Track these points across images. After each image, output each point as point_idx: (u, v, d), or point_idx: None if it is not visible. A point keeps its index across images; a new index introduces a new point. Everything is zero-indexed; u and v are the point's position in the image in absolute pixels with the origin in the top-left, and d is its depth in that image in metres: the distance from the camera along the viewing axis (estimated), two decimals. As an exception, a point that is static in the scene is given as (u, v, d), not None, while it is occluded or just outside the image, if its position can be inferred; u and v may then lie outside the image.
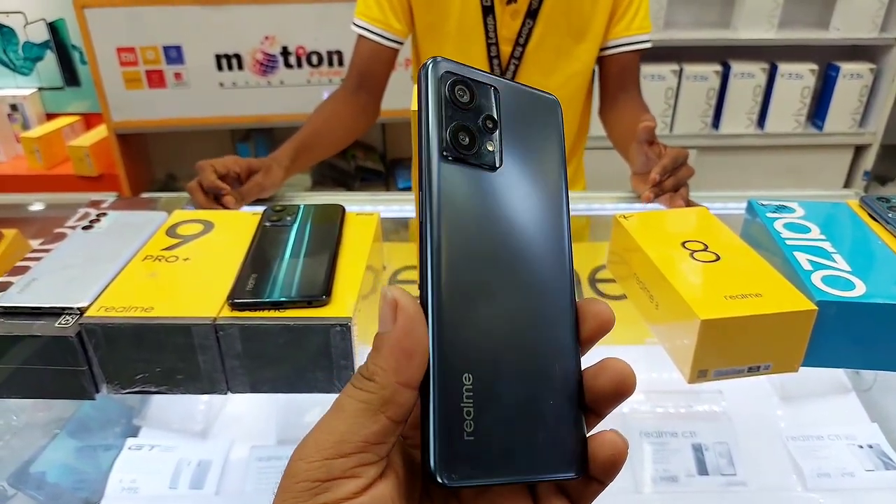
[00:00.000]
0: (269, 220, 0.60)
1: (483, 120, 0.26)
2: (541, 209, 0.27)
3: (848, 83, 1.99)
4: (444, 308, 0.24)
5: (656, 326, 0.58)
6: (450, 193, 0.24)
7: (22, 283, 0.52)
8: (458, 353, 0.24)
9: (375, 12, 1.00)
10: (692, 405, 0.80)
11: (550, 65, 1.03)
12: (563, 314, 0.27)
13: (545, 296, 0.26)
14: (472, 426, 0.23)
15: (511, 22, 0.98)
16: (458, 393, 0.23)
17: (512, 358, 0.25)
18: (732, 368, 0.52)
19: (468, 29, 0.98)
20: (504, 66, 1.01)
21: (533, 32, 0.99)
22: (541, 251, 0.26)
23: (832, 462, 0.74)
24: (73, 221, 0.63)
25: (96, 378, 0.50)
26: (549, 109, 0.28)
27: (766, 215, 0.62)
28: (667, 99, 2.00)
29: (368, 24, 1.01)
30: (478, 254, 0.25)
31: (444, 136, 0.25)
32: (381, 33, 1.01)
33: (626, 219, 0.64)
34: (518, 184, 0.26)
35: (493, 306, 0.25)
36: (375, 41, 1.01)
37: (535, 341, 0.26)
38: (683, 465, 0.73)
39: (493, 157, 0.26)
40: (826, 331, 0.51)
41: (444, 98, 0.25)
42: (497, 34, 0.98)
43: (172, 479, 0.73)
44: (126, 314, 0.48)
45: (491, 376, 0.24)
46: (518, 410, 0.24)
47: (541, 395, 0.25)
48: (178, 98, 2.00)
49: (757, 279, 0.53)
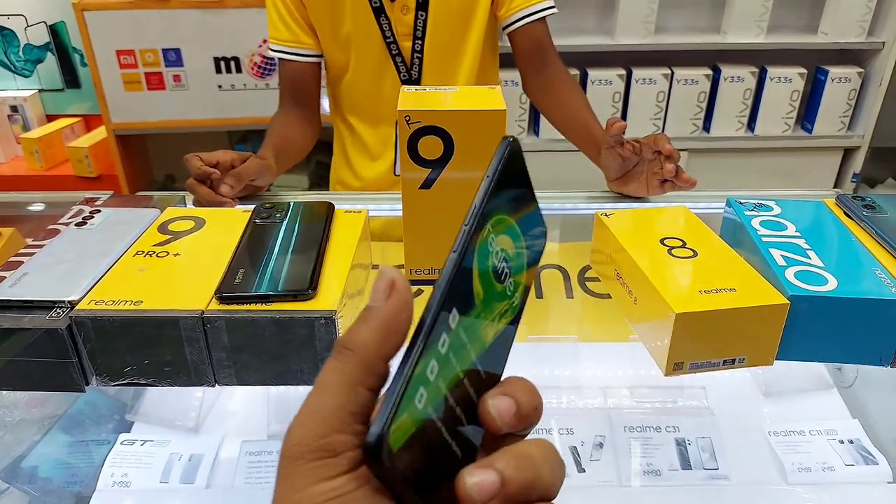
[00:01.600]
0: (259, 217, 0.62)
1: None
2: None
3: (836, 87, 2.01)
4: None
5: (636, 324, 0.59)
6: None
7: (14, 278, 0.53)
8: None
9: (284, 34, 1.03)
10: (676, 401, 0.81)
11: (450, 52, 1.04)
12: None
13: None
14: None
15: (403, 17, 0.99)
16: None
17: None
18: (708, 361, 0.53)
19: (364, 32, 1.00)
20: (409, 63, 1.03)
21: (427, 24, 1.00)
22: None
23: (813, 457, 0.75)
24: (66, 218, 0.64)
25: (86, 370, 0.51)
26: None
27: (745, 213, 0.63)
28: (658, 102, 2.01)
29: (282, 46, 1.04)
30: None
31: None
32: (297, 52, 1.04)
33: (607, 216, 0.65)
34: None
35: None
36: (294, 60, 1.04)
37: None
38: (667, 459, 0.74)
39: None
40: (799, 325, 0.52)
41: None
42: (394, 32, 1.00)
43: (164, 473, 0.74)
44: (116, 307, 0.49)
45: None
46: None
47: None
48: (176, 100, 2.01)
49: (732, 274, 0.54)
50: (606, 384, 0.81)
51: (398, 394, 0.22)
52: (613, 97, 2.00)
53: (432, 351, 0.24)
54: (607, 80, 1.99)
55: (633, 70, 1.98)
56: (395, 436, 0.22)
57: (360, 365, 0.24)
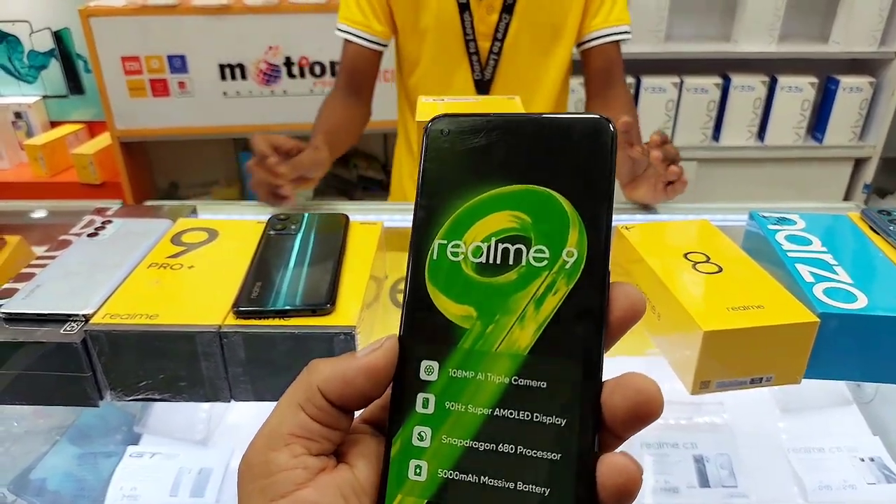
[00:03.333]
0: (274, 229, 0.61)
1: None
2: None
3: (847, 96, 2.00)
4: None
5: (658, 337, 0.58)
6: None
7: (27, 290, 0.52)
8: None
9: (357, 16, 1.02)
10: (693, 416, 0.79)
11: (528, 60, 1.04)
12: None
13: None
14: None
15: (487, 17, 0.99)
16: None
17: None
18: (734, 380, 0.52)
19: (445, 26, 1.00)
20: (483, 63, 1.02)
21: (510, 27, 1.00)
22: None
23: (834, 475, 0.74)
24: (78, 229, 0.64)
25: (100, 385, 0.50)
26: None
27: (768, 227, 0.62)
28: (667, 111, 2.01)
29: (351, 28, 1.03)
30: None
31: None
32: (363, 36, 1.03)
33: (628, 230, 0.64)
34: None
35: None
36: (359, 44, 1.03)
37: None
38: (685, 476, 0.73)
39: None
40: (828, 343, 0.51)
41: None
42: (474, 30, 1.00)
43: (173, 487, 0.73)
44: (131, 321, 0.49)
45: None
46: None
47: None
48: (181, 107, 2.01)
49: (759, 291, 0.53)
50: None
51: (382, 481, 0.21)
52: (622, 106, 2.00)
53: (409, 420, 0.22)
54: (615, 89, 1.98)
55: (642, 78, 1.98)
56: None
57: (305, 389, 0.24)
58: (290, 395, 0.24)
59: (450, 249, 0.23)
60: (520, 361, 0.22)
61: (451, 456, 0.21)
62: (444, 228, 0.23)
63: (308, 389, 0.24)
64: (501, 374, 0.22)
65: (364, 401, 0.24)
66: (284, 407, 0.24)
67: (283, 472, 0.22)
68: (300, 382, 0.24)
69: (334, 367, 0.24)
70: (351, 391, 0.23)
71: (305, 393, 0.24)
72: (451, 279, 0.23)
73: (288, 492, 0.22)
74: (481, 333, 0.22)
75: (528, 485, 0.21)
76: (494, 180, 0.23)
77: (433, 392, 0.22)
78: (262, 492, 0.22)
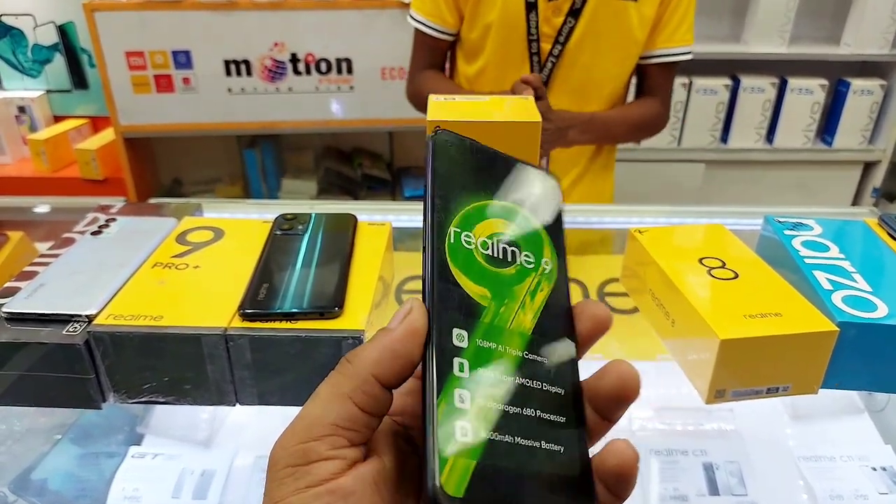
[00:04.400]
0: (281, 229, 0.60)
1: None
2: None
3: (858, 99, 1.98)
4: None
5: (672, 344, 0.57)
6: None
7: (30, 289, 0.51)
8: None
9: (428, 5, 1.04)
10: (703, 423, 0.78)
11: (588, 66, 1.03)
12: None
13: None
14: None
15: (553, 18, 0.99)
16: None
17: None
18: (751, 389, 0.51)
19: (511, 23, 1.00)
20: (542, 62, 1.02)
21: (574, 31, 1.00)
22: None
23: (845, 484, 0.72)
24: (81, 226, 0.63)
25: (103, 387, 0.49)
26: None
27: (784, 232, 0.61)
28: (675, 112, 1.99)
29: (423, 18, 1.05)
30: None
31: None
32: (434, 27, 1.05)
33: (641, 234, 0.63)
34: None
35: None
36: (429, 34, 1.06)
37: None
38: (694, 484, 0.72)
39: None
40: (846, 352, 0.50)
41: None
42: (538, 30, 1.00)
43: (175, 488, 0.72)
44: (135, 322, 0.48)
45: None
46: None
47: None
48: (185, 103, 2.00)
49: (776, 298, 0.52)
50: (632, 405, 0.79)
51: (432, 447, 0.22)
52: (629, 106, 1.98)
53: (449, 382, 0.23)
54: (623, 89, 1.97)
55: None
56: (452, 483, 0.21)
57: (353, 378, 0.24)
58: (335, 386, 0.24)
59: (463, 237, 0.26)
60: (527, 339, 0.25)
61: (490, 418, 0.23)
62: (458, 218, 0.26)
63: (356, 378, 0.24)
64: (516, 348, 0.25)
65: (413, 368, 0.24)
66: (328, 398, 0.24)
67: (321, 462, 0.22)
68: (344, 375, 0.24)
69: (379, 346, 0.24)
70: (403, 363, 0.24)
71: (353, 382, 0.24)
72: (467, 262, 0.25)
73: (325, 479, 0.22)
74: (497, 312, 0.25)
75: (548, 444, 0.24)
76: (490, 193, 0.28)
77: (466, 358, 0.24)
78: (296, 478, 0.22)
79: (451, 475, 0.21)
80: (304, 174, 2.29)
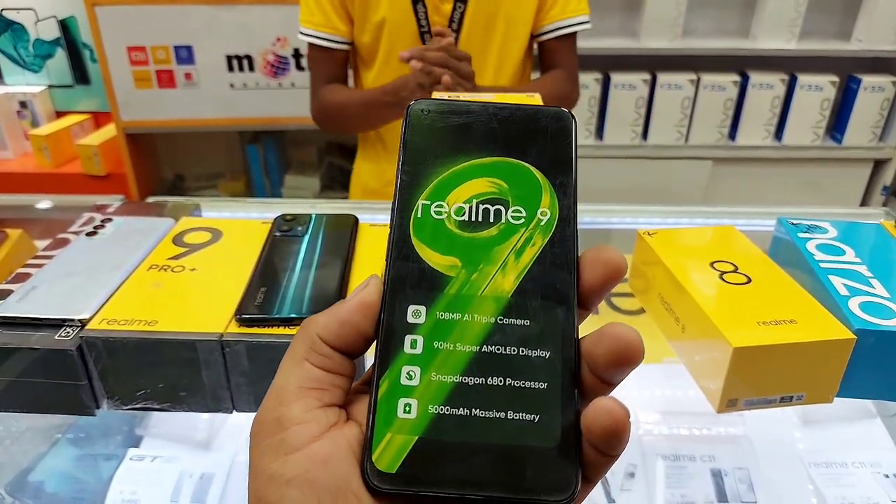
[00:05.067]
0: (280, 230, 0.58)
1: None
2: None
3: (869, 96, 1.95)
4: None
5: (681, 349, 0.55)
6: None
7: (22, 292, 0.50)
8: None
9: (318, 17, 1.00)
10: (711, 427, 0.77)
11: (484, 48, 1.01)
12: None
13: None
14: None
15: (441, 7, 0.97)
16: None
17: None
18: (764, 398, 0.49)
19: (399, 19, 0.98)
20: None
21: (465, 16, 0.98)
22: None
23: (856, 491, 0.71)
24: (77, 227, 0.61)
25: (96, 393, 0.48)
26: None
27: (798, 235, 0.59)
28: (683, 109, 1.97)
29: (314, 31, 1.01)
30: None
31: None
32: (329, 37, 1.01)
33: (650, 235, 0.61)
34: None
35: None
36: (324, 46, 1.02)
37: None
38: (702, 490, 0.70)
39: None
40: (863, 361, 0.49)
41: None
42: (429, 21, 0.97)
43: (174, 491, 0.71)
44: (129, 327, 0.46)
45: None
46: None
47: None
48: (187, 98, 1.98)
49: (791, 304, 0.50)
50: (638, 409, 0.77)
51: (370, 425, 0.22)
52: (637, 102, 1.96)
53: (396, 360, 0.23)
54: (631, 85, 1.94)
55: (657, 75, 1.94)
56: (386, 459, 0.21)
57: (305, 341, 0.24)
58: (291, 353, 0.24)
59: (433, 209, 0.25)
60: (504, 303, 0.24)
61: (441, 392, 0.22)
62: (428, 191, 0.25)
63: (307, 341, 0.24)
64: (487, 315, 0.24)
65: (363, 340, 0.24)
66: (288, 365, 0.24)
67: (295, 427, 0.22)
68: (298, 339, 0.25)
69: (328, 313, 0.25)
70: (349, 331, 0.24)
71: (306, 345, 0.24)
72: (435, 234, 0.25)
73: (302, 444, 0.22)
74: (466, 280, 0.24)
75: (517, 413, 0.22)
76: (473, 153, 0.26)
77: (421, 333, 0.23)
78: (275, 449, 0.22)
79: (386, 451, 0.21)
80: (307, 170, 2.28)
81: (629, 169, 1.99)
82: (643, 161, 2.00)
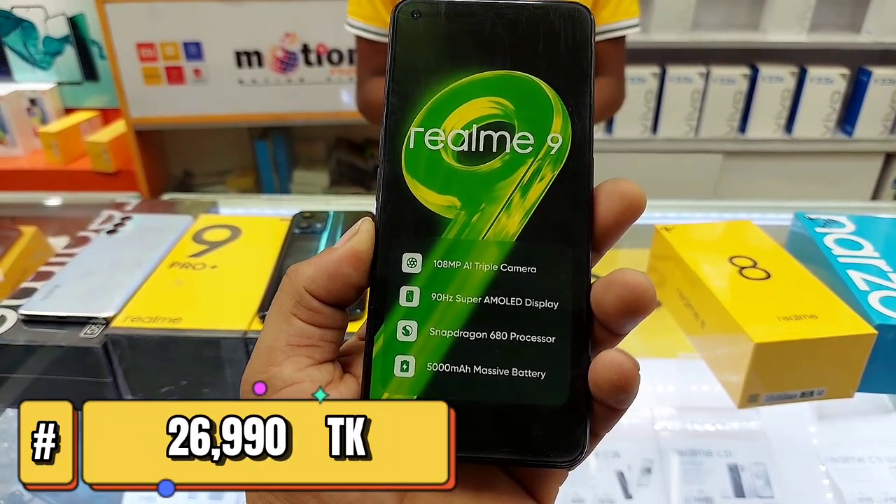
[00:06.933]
0: (299, 227, 0.59)
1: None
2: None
3: (880, 88, 1.93)
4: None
5: (701, 344, 0.55)
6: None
7: (46, 290, 0.50)
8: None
9: (367, 10, 0.98)
10: (727, 422, 0.77)
11: None
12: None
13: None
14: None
15: None
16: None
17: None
18: (784, 393, 0.49)
19: None
20: None
21: None
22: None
23: (875, 486, 0.71)
24: (96, 224, 0.62)
25: (121, 390, 0.48)
26: None
27: (815, 230, 0.59)
28: (693, 102, 1.96)
29: (361, 23, 0.99)
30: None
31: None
32: (376, 30, 0.99)
33: (668, 231, 0.61)
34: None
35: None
36: (372, 39, 0.99)
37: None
38: (719, 485, 0.71)
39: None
40: (883, 355, 0.48)
41: None
42: None
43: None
44: (152, 325, 0.47)
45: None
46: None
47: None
48: (196, 95, 1.99)
49: (811, 299, 0.50)
50: (654, 404, 0.77)
51: (365, 386, 0.21)
52: (646, 95, 1.95)
53: (392, 315, 0.21)
54: (640, 78, 1.94)
55: (667, 67, 1.93)
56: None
57: (292, 295, 0.22)
58: (278, 307, 0.23)
59: (428, 137, 0.22)
60: (508, 248, 0.21)
61: (441, 348, 0.21)
62: (421, 115, 0.22)
63: (295, 294, 0.22)
64: (490, 262, 0.21)
65: (354, 291, 0.23)
66: (275, 320, 0.22)
67: (288, 387, 0.21)
68: (284, 292, 0.23)
69: (316, 264, 0.23)
70: (338, 283, 0.22)
71: (292, 298, 0.22)
72: (430, 169, 0.22)
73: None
74: (466, 223, 0.22)
75: (523, 370, 0.21)
76: (472, 66, 0.22)
77: (417, 285, 0.21)
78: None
79: None
80: (316, 166, 2.28)
81: (639, 162, 1.98)
82: (653, 155, 1.99)
